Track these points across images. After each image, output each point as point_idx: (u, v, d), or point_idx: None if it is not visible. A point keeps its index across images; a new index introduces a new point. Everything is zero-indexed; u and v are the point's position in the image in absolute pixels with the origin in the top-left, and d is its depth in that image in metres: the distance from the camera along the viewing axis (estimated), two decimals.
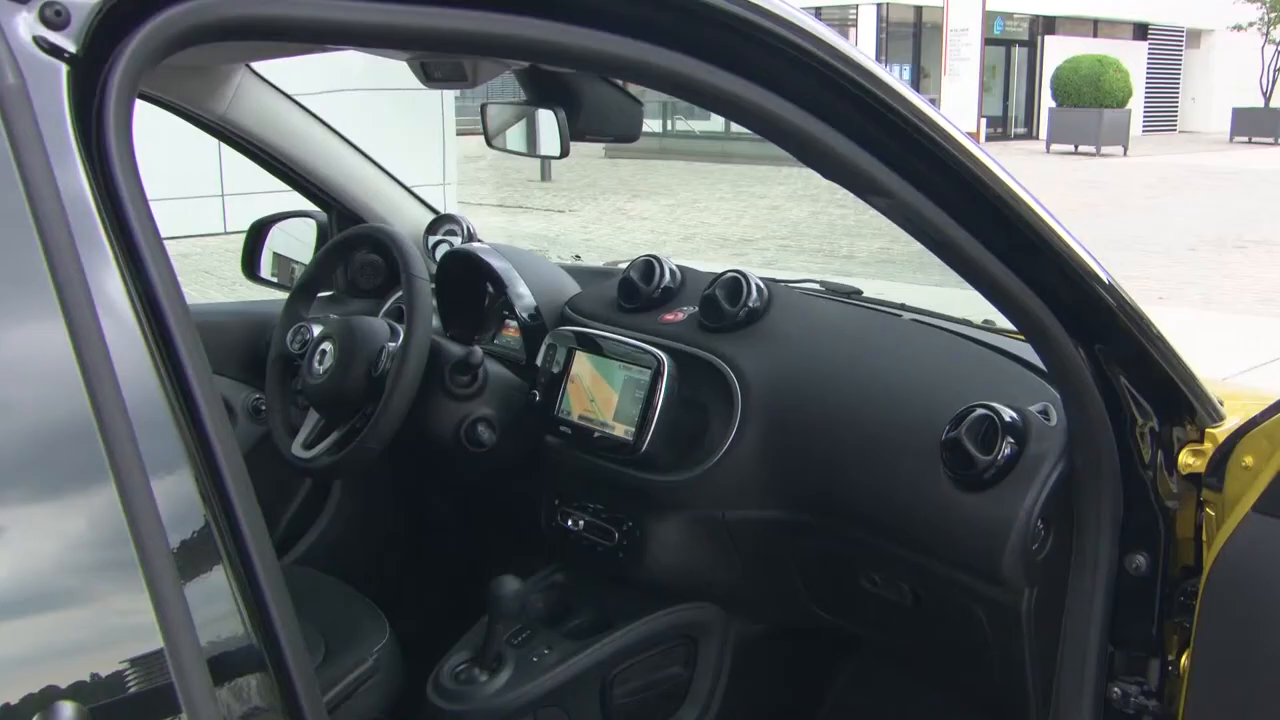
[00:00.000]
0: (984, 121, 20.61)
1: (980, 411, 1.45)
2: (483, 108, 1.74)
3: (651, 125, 20.16)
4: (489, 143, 1.76)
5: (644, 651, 1.83)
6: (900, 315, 1.89)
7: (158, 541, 0.72)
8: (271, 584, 0.79)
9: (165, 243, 0.81)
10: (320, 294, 2.36)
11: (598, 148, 21.11)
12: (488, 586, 1.73)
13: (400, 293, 1.92)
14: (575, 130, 1.51)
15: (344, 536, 2.34)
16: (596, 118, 1.52)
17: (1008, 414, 1.44)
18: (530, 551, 2.05)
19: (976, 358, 1.68)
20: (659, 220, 13.26)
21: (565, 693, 1.77)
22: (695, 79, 1.03)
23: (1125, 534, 1.37)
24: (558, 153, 1.58)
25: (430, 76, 1.57)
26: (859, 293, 2.04)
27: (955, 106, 17.75)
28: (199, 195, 9.00)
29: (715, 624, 1.88)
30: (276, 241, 2.48)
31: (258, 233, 2.44)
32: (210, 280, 7.96)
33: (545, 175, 17.31)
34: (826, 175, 1.16)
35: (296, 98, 2.16)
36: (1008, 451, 1.42)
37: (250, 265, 2.44)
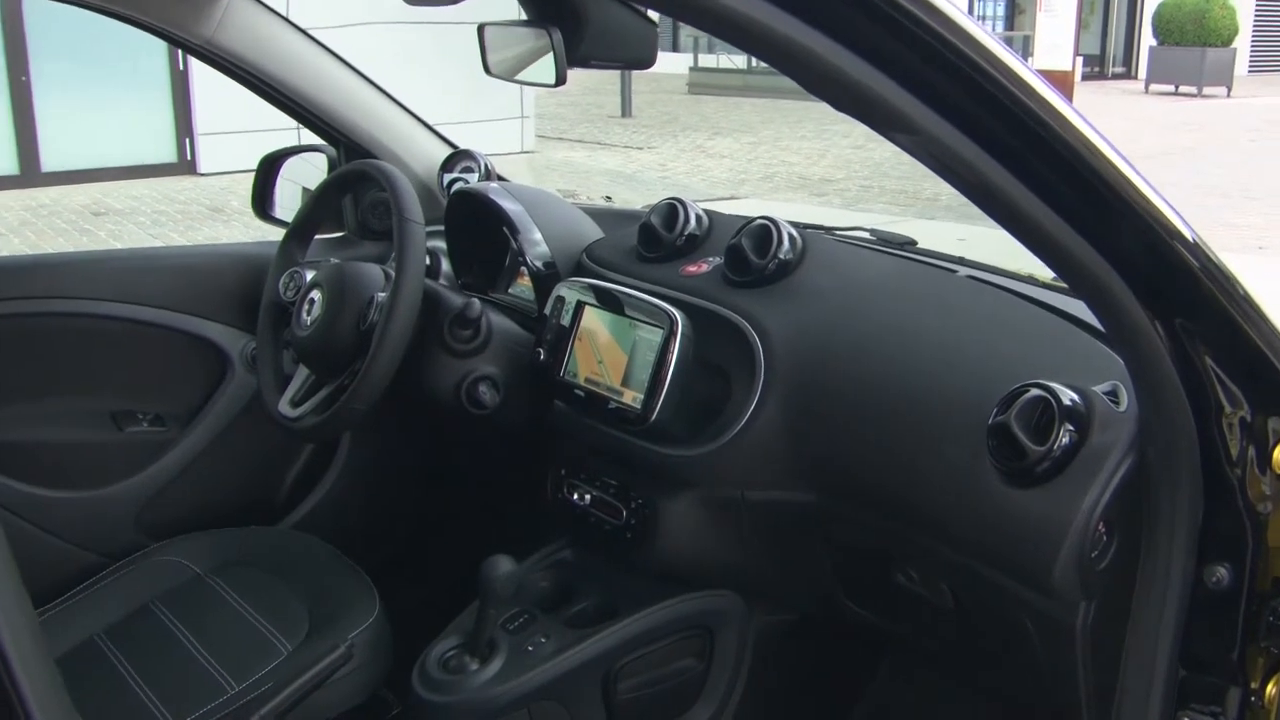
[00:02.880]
0: (1080, 60, 19.84)
1: (1035, 393, 1.22)
2: (480, 29, 1.54)
3: (736, 61, 19.76)
4: (487, 70, 1.57)
5: (653, 642, 1.65)
6: (955, 271, 1.65)
7: None
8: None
9: None
10: (329, 235, 2.19)
11: (681, 83, 20.78)
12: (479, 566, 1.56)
13: None
14: (579, 55, 1.30)
15: (348, 500, 2.18)
16: (603, 40, 1.30)
17: (1067, 396, 1.21)
18: (538, 526, 1.87)
19: (1038, 324, 1.45)
20: (739, 158, 12.96)
21: (564, 685, 1.59)
22: None
23: (1204, 541, 1.14)
24: (553, 80, 1.39)
25: None
26: (912, 243, 1.81)
27: (1050, 44, 17.02)
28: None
29: (734, 614, 1.68)
30: (290, 177, 2.30)
31: (269, 167, 2.26)
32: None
33: (626, 111, 17.04)
34: (835, 104, 0.94)
35: (369, 26, 1.98)
36: (1066, 441, 1.19)
37: (262, 203, 2.27)
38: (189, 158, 11.44)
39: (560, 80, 1.37)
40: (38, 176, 10.69)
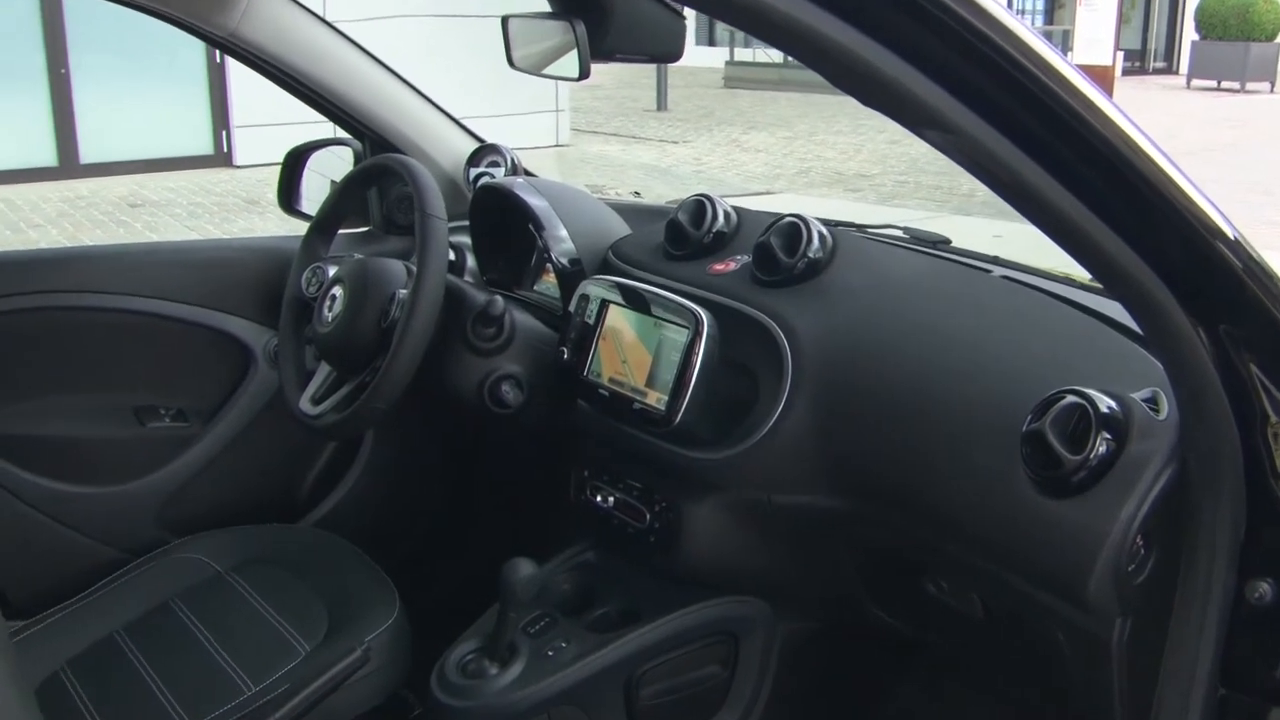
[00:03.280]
0: (1120, 55, 19.61)
1: (1070, 399, 1.18)
2: (504, 22, 1.51)
3: (773, 56, 19.67)
4: (511, 63, 1.54)
5: (677, 648, 1.61)
6: (990, 271, 1.61)
7: None
8: None
9: None
10: (354, 230, 2.17)
11: (717, 77, 20.72)
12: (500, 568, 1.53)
13: None
14: (604, 48, 1.27)
15: (370, 499, 2.16)
16: (630, 33, 1.26)
17: (1105, 403, 1.16)
18: (561, 527, 1.84)
19: (1075, 327, 1.40)
20: (774, 153, 12.91)
21: (585, 691, 1.56)
22: None
23: (1248, 556, 1.09)
24: (576, 74, 1.36)
25: None
26: (946, 242, 1.77)
27: (1090, 38, 16.85)
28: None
29: (759, 620, 1.64)
30: (319, 170, 2.28)
31: (295, 161, 2.24)
32: None
33: (661, 105, 17.02)
34: (865, 100, 0.90)
35: (404, 19, 1.96)
36: (1103, 450, 1.15)
37: (288, 197, 2.25)
38: (225, 150, 11.50)
39: (584, 74, 1.34)
40: (76, 168, 10.78)
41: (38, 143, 10.72)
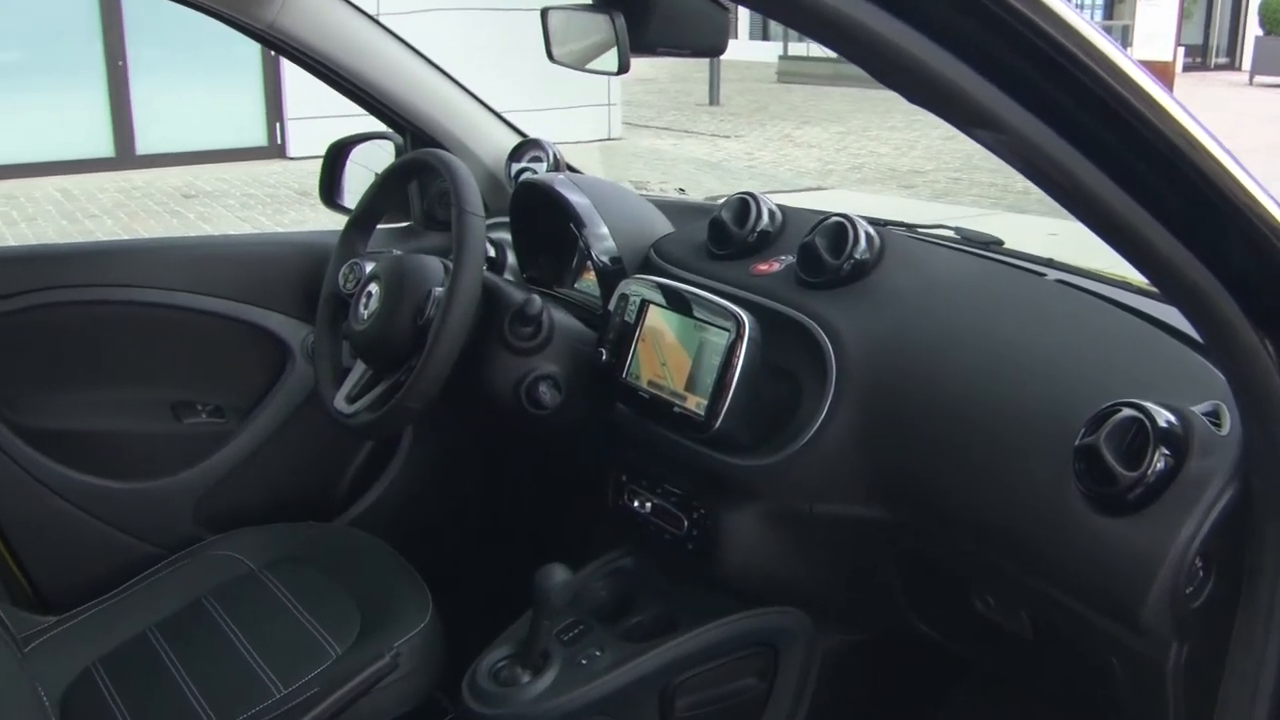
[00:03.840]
0: (1181, 50, 19.28)
1: (1127, 413, 1.12)
2: (543, 13, 1.48)
3: (827, 50, 19.52)
4: (550, 57, 1.50)
5: (714, 659, 1.57)
6: (1044, 274, 1.55)
7: None
8: None
9: None
10: (395, 225, 2.14)
11: (770, 72, 20.60)
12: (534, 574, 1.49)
13: None
14: (645, 41, 1.22)
15: (407, 498, 2.13)
16: (671, 26, 1.22)
17: (1163, 417, 1.10)
18: (597, 531, 1.81)
19: (1133, 334, 1.34)
20: (827, 148, 12.81)
21: (618, 701, 1.53)
22: None
23: None
24: (615, 68, 1.32)
25: None
26: (999, 243, 1.71)
27: (1150, 33, 16.58)
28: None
29: (800, 632, 1.60)
30: (363, 163, 2.26)
31: (336, 155, 2.22)
32: None
33: (714, 99, 16.94)
34: (912, 97, 0.85)
35: (454, 11, 1.93)
36: (1160, 467, 1.09)
37: (329, 190, 2.22)
38: (279, 142, 11.59)
39: (623, 68, 1.30)
40: (132, 159, 10.90)
41: (95, 134, 10.87)
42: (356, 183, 2.22)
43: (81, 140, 10.72)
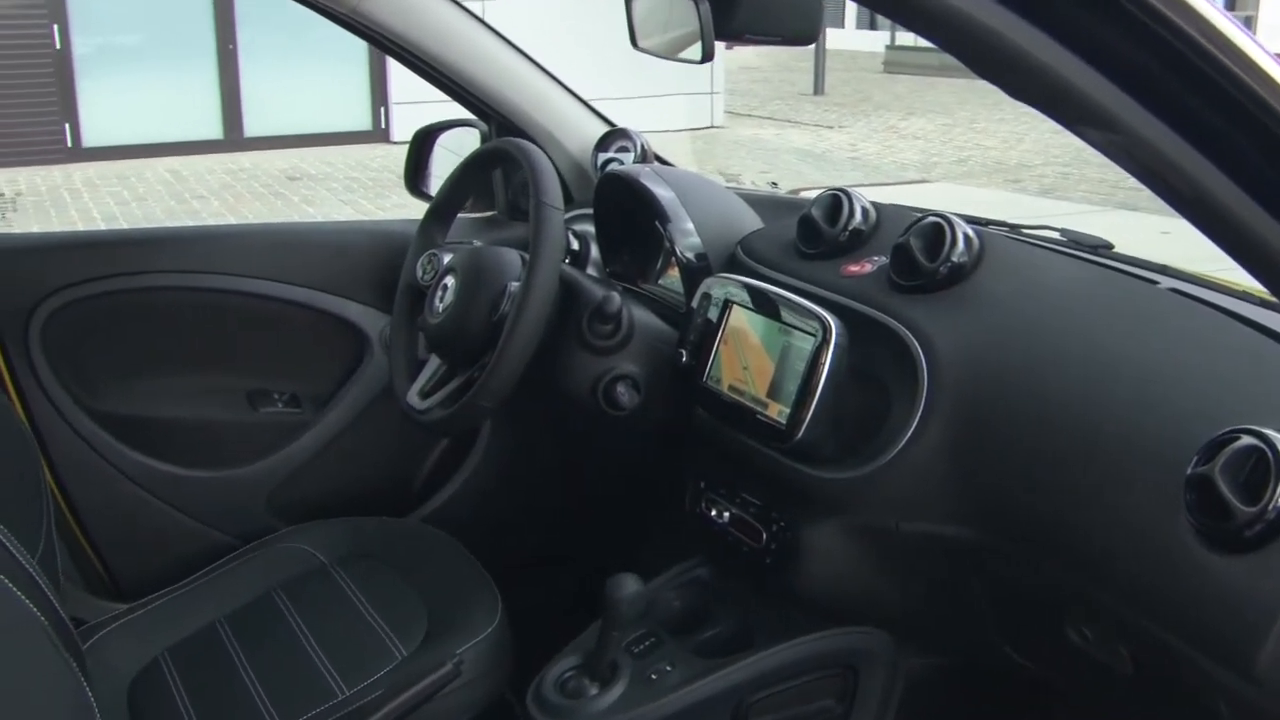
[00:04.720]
0: None
1: (1246, 441, 1.02)
2: (628, 1, 1.42)
3: None
4: (634, 44, 1.44)
5: (790, 679, 1.49)
6: (1157, 281, 1.44)
7: None
8: None
9: None
10: (479, 215, 2.10)
11: (876, 62, 20.33)
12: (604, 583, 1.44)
13: None
14: (730, 28, 1.15)
15: (481, 496, 2.08)
16: (760, 12, 1.14)
17: None
18: (674, 539, 1.74)
19: (1254, 352, 1.23)
20: (932, 140, 12.59)
21: (688, 719, 1.46)
22: None
23: None
24: (699, 56, 1.25)
25: None
26: (1109, 246, 1.60)
27: (1276, 24, 16.03)
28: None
29: (881, 653, 1.51)
30: (443, 153, 2.22)
31: (422, 142, 2.18)
32: None
33: (818, 89, 16.78)
34: (1017, 93, 0.77)
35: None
36: None
37: (414, 178, 2.19)
38: (383, 126, 11.72)
39: (707, 56, 1.24)
40: (240, 141, 11.12)
41: (205, 116, 11.10)
42: (444, 169, 2.18)
43: (192, 122, 10.95)
